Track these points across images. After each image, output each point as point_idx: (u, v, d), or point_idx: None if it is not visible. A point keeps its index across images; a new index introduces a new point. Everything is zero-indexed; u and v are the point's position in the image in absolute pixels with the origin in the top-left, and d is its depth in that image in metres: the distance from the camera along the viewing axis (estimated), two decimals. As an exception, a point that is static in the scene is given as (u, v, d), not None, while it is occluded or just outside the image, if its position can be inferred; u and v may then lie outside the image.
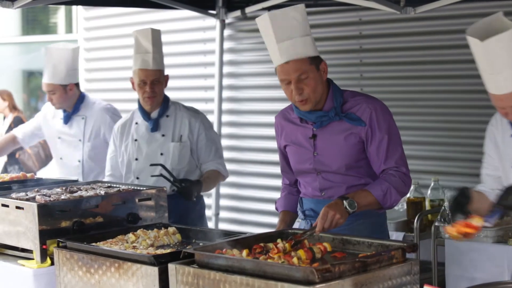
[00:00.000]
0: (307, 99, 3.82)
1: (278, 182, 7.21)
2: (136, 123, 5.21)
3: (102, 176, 5.88)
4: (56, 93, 5.95)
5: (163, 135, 5.13)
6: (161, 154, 5.12)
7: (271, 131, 7.30)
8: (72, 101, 6.02)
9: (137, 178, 5.18)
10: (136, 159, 5.18)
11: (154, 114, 5.17)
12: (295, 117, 4.01)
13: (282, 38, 3.78)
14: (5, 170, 9.22)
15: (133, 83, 5.20)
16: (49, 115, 6.17)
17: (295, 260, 3.09)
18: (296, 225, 4.18)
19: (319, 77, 3.84)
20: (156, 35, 5.21)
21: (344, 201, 3.65)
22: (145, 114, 5.18)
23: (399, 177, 3.83)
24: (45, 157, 9.03)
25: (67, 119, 6.04)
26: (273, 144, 7.26)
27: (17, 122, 9.72)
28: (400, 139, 3.96)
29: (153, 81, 5.10)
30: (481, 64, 3.48)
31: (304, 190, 4.07)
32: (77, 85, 6.06)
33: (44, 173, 5.98)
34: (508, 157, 3.73)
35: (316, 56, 3.84)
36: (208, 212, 6.81)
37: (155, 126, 5.15)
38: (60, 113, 6.08)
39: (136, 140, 5.19)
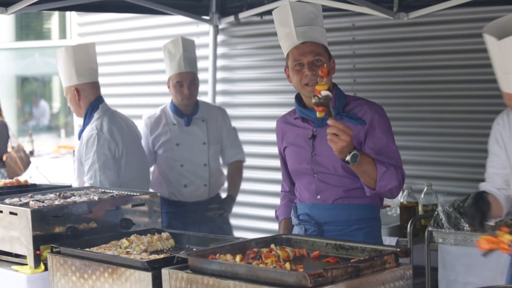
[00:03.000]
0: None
1: (272, 188, 7.26)
2: None
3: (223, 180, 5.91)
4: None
5: None
6: None
7: (265, 137, 7.37)
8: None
9: None
10: None
11: None
12: (296, 119, 4.04)
13: (301, 23, 3.87)
14: None
15: None
16: (160, 125, 5.95)
17: (287, 265, 3.09)
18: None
19: (330, 69, 3.87)
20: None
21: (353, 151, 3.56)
22: None
23: (400, 173, 3.79)
24: (27, 160, 9.02)
25: (188, 122, 5.89)
26: (267, 150, 7.33)
27: None
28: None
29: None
30: (496, 62, 3.42)
31: (300, 195, 4.07)
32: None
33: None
34: None
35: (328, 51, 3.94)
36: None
37: None
38: (171, 119, 5.91)
39: None
